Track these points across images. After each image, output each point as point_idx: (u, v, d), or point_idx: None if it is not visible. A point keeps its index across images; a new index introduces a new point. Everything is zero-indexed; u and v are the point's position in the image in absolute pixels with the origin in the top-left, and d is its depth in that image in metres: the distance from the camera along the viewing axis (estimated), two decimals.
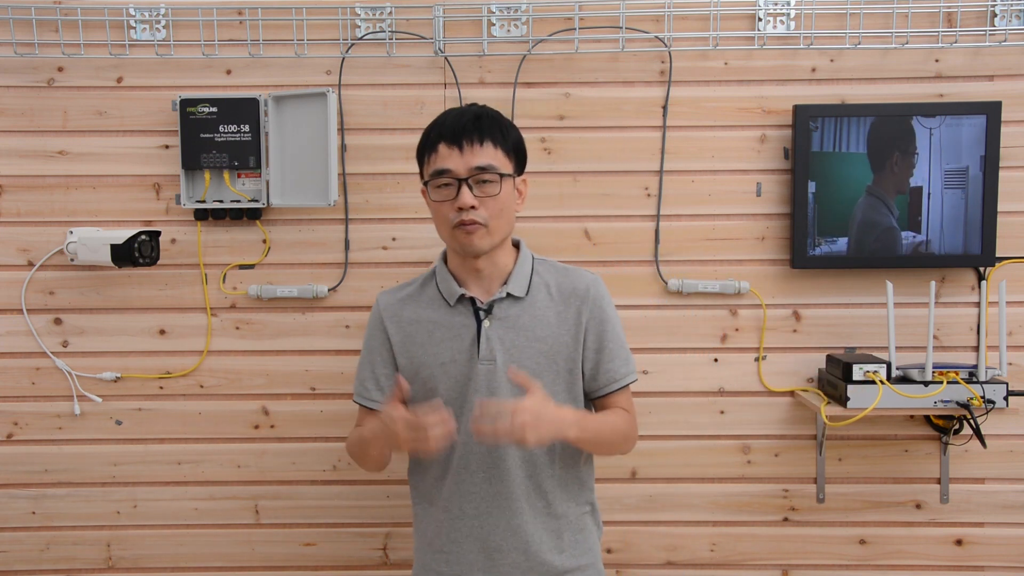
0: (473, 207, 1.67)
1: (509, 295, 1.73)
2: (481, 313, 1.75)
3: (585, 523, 1.82)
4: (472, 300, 1.76)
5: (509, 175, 1.71)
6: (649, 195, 2.47)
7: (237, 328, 2.51)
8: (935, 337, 2.44)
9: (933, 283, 2.32)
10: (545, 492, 1.76)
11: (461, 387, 1.74)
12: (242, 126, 2.40)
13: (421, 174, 1.80)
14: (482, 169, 1.68)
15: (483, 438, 1.57)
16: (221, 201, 2.44)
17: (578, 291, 1.75)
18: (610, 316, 1.77)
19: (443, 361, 1.75)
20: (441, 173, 1.71)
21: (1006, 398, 2.27)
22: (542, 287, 1.76)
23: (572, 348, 1.73)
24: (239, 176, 2.45)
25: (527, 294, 1.74)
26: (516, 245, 1.83)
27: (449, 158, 1.70)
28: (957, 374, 2.29)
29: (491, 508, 1.74)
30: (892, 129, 2.37)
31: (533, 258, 1.81)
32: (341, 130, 2.45)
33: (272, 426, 2.54)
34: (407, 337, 1.80)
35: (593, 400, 1.82)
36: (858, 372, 2.28)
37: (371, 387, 1.84)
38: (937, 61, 2.43)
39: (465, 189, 1.68)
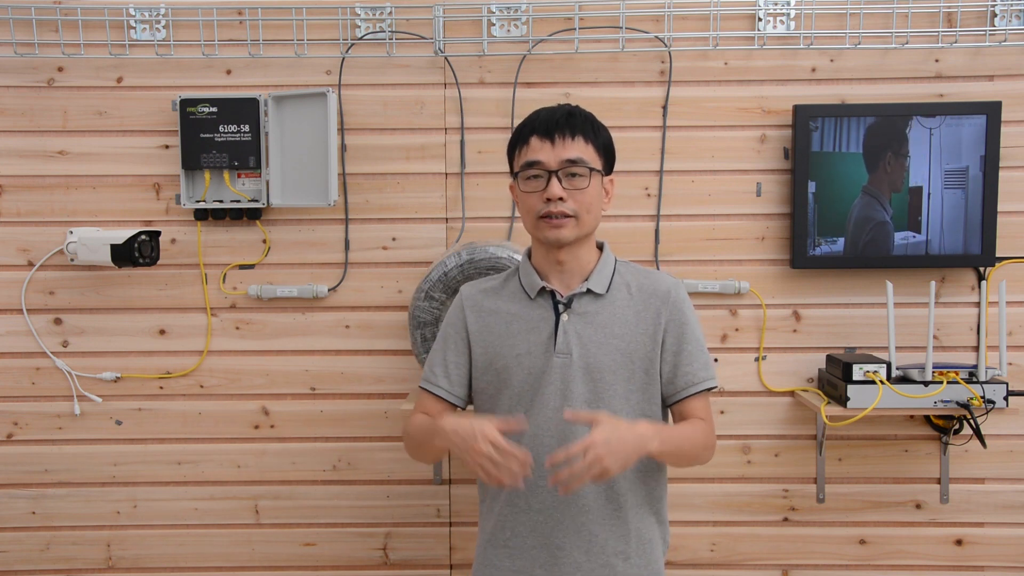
0: (561, 199, 1.70)
1: (589, 291, 1.74)
2: (560, 307, 1.75)
3: (652, 534, 1.77)
4: (552, 293, 1.76)
5: (598, 170, 1.72)
6: (649, 195, 2.47)
7: (237, 328, 2.51)
8: (935, 337, 2.44)
9: (933, 283, 2.33)
10: (617, 495, 1.73)
11: (535, 380, 1.74)
12: (242, 126, 2.40)
13: (511, 169, 1.79)
14: (572, 162, 1.70)
15: (566, 487, 1.54)
16: (221, 201, 2.44)
17: (659, 293, 1.75)
18: (690, 319, 1.76)
19: (519, 352, 1.75)
20: (531, 165, 1.72)
21: (1006, 398, 2.27)
22: (623, 286, 1.76)
23: (649, 348, 1.72)
24: (239, 176, 2.45)
25: (607, 292, 1.75)
26: (600, 247, 1.83)
27: (540, 151, 1.72)
28: (957, 374, 2.29)
29: (557, 504, 1.72)
30: (887, 129, 2.37)
31: (616, 260, 1.82)
32: (341, 130, 2.45)
33: (272, 426, 2.54)
34: (485, 327, 1.80)
35: (671, 406, 1.79)
36: (858, 372, 2.28)
37: (439, 373, 1.83)
38: (937, 61, 2.43)
39: (555, 180, 1.69)
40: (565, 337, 1.72)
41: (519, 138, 1.75)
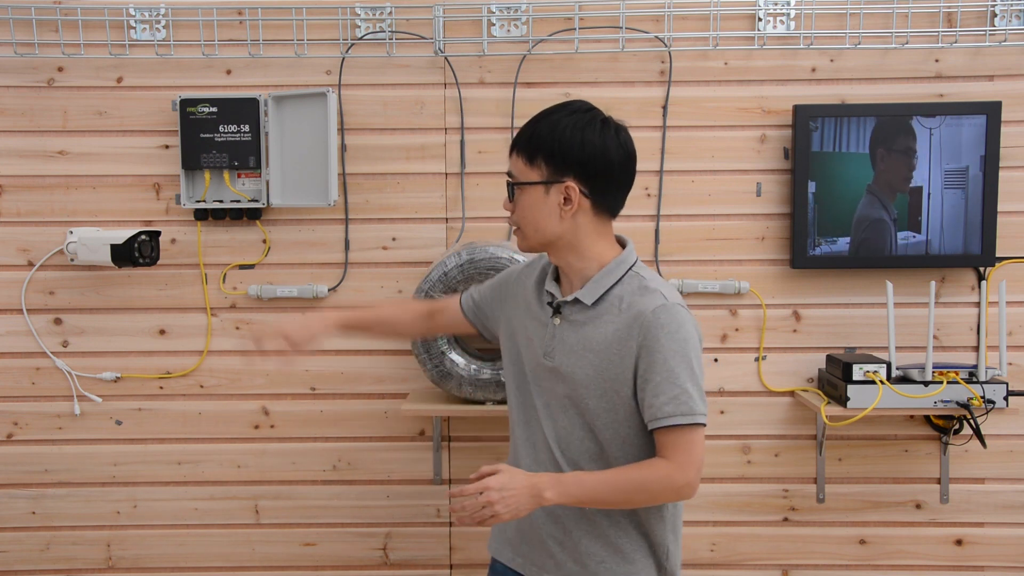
0: (508, 211, 1.73)
1: (577, 300, 1.72)
2: (552, 311, 1.75)
3: (631, 555, 1.75)
4: (551, 297, 1.77)
5: (526, 183, 1.69)
6: (649, 195, 2.47)
7: (237, 328, 2.51)
8: (935, 337, 2.44)
9: (933, 283, 2.33)
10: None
11: (533, 369, 1.77)
12: (242, 126, 2.40)
13: None
14: (508, 176, 1.72)
15: (459, 520, 1.61)
16: (221, 201, 2.44)
17: (641, 314, 1.65)
18: (662, 348, 1.63)
19: (529, 336, 1.78)
20: None
21: (1006, 398, 2.27)
22: (615, 300, 1.69)
23: (620, 369, 1.66)
24: (239, 176, 2.45)
25: (595, 304, 1.71)
26: (623, 244, 1.77)
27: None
28: (957, 374, 2.29)
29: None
30: (893, 129, 2.37)
31: (631, 268, 1.73)
32: (341, 130, 2.45)
33: (272, 426, 2.54)
34: (516, 300, 1.85)
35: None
36: (858, 372, 2.28)
37: (473, 292, 1.94)
38: (937, 61, 2.43)
39: (506, 193, 1.73)
40: (552, 342, 1.72)
41: None
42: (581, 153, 1.66)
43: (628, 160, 1.71)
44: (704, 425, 1.65)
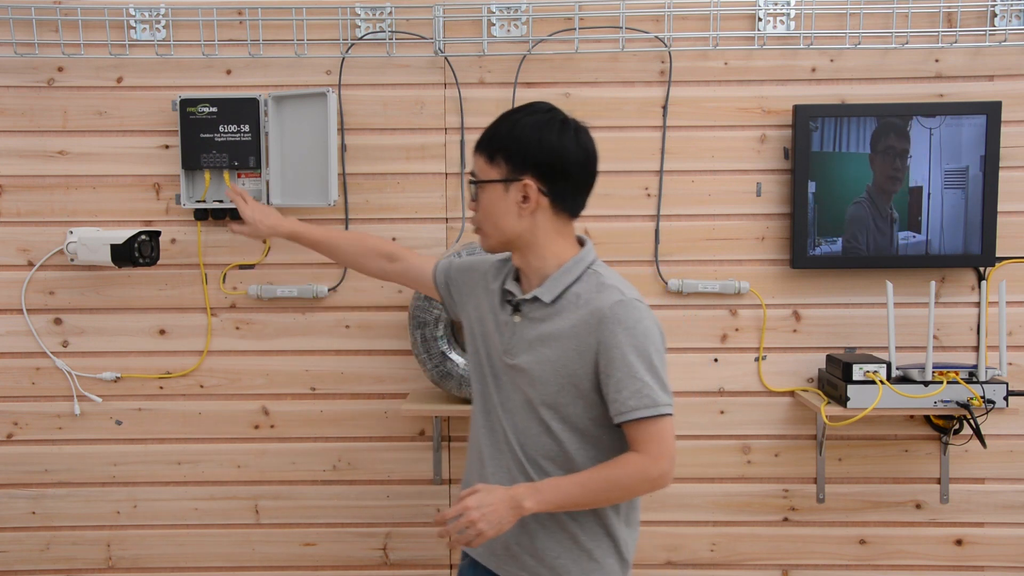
0: (472, 211, 1.77)
1: (536, 298, 1.74)
2: (512, 309, 1.77)
3: (586, 544, 1.78)
4: (510, 295, 1.79)
5: (486, 181, 1.72)
6: (649, 195, 2.47)
7: (237, 328, 2.51)
8: (935, 337, 2.44)
9: (933, 283, 2.33)
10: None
11: (494, 366, 1.79)
12: (242, 126, 2.40)
13: None
14: (470, 176, 1.76)
15: (450, 545, 1.66)
16: (221, 201, 2.44)
17: (599, 310, 1.68)
18: (621, 343, 1.66)
19: (491, 334, 1.81)
20: None
21: (1006, 398, 2.27)
22: (573, 297, 1.72)
23: (578, 366, 1.69)
24: (239, 176, 2.45)
25: (553, 302, 1.73)
26: (581, 243, 1.80)
27: None
28: (957, 374, 2.29)
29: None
30: (890, 129, 2.37)
31: (589, 267, 1.75)
32: (341, 130, 2.45)
33: (272, 426, 2.54)
34: (481, 295, 1.87)
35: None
36: (858, 372, 2.28)
37: (449, 267, 1.95)
38: (937, 61, 2.43)
39: (470, 194, 1.77)
40: (511, 340, 1.75)
41: None
42: (539, 151, 1.69)
43: (587, 160, 1.73)
44: (670, 415, 1.67)
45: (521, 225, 1.71)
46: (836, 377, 2.34)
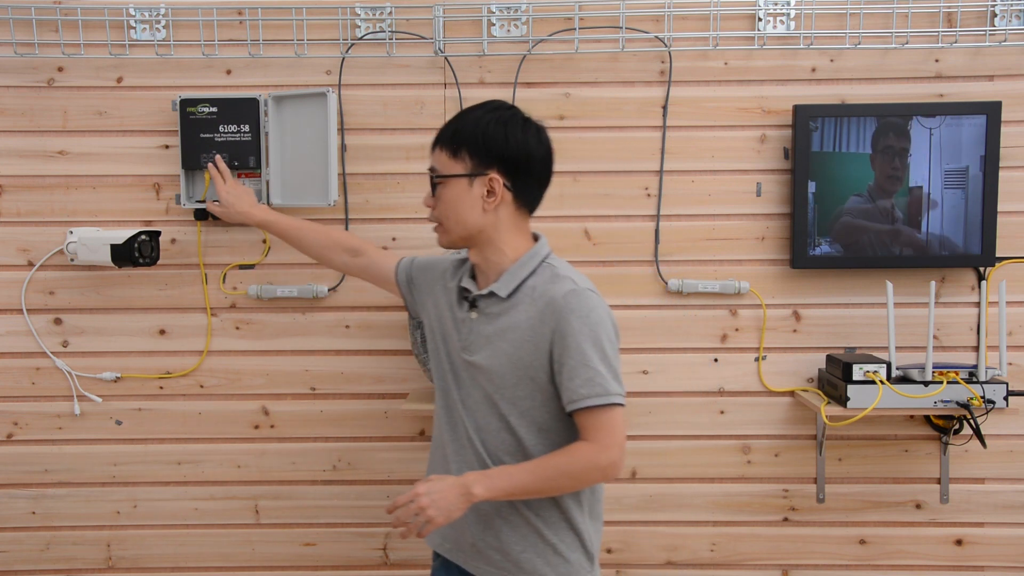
0: (429, 207, 1.79)
1: (492, 293, 1.76)
2: (469, 306, 1.81)
3: (550, 538, 1.79)
4: (467, 292, 1.82)
5: (450, 176, 1.73)
6: (649, 195, 2.47)
7: (237, 328, 2.51)
8: (935, 337, 2.44)
9: (933, 283, 2.33)
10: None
11: (453, 363, 1.82)
12: (242, 126, 2.40)
13: None
14: (430, 171, 1.78)
15: (401, 534, 1.66)
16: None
17: (553, 300, 1.71)
18: (574, 331, 1.68)
19: (449, 331, 1.84)
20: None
21: (1006, 398, 2.27)
22: (529, 291, 1.75)
23: (533, 356, 1.72)
24: (239, 176, 2.45)
25: (509, 296, 1.75)
26: (535, 239, 1.83)
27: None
28: (957, 374, 2.29)
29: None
30: (890, 129, 2.37)
31: (544, 260, 1.78)
32: (341, 130, 2.45)
33: (272, 426, 2.54)
34: (439, 295, 1.90)
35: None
36: (858, 372, 2.28)
37: (412, 266, 2.01)
38: (937, 61, 2.43)
39: (428, 191, 1.79)
40: (469, 336, 1.77)
41: None
42: (505, 146, 1.73)
43: (548, 156, 1.79)
44: (622, 405, 1.69)
45: (484, 219, 1.75)
46: (836, 377, 2.34)
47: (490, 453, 1.76)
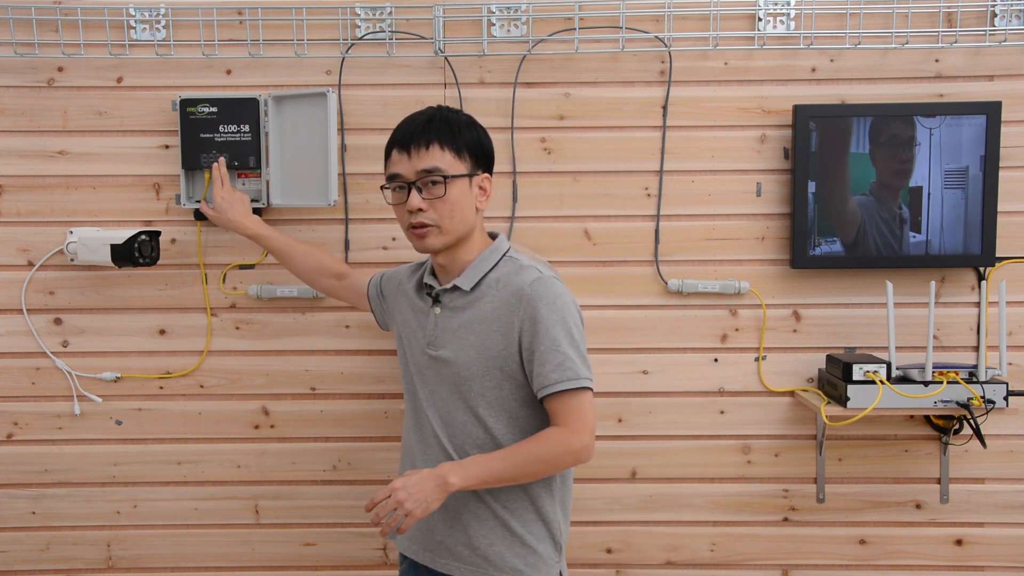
0: (421, 210, 1.77)
1: (455, 287, 1.78)
2: (431, 302, 1.84)
3: (517, 530, 1.79)
4: (430, 288, 1.86)
5: (459, 175, 1.75)
6: (649, 195, 2.47)
7: (237, 328, 2.51)
8: (935, 337, 2.44)
9: (933, 283, 2.33)
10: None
11: (417, 362, 1.86)
12: (242, 126, 2.40)
13: None
14: (428, 172, 1.76)
15: (381, 532, 1.67)
16: None
17: (519, 290, 1.74)
18: (543, 318, 1.70)
19: (413, 330, 1.88)
20: (393, 178, 1.82)
21: (1006, 398, 2.27)
22: (493, 282, 1.79)
23: (502, 347, 1.74)
24: (239, 176, 2.45)
25: (473, 289, 1.77)
26: (493, 237, 1.89)
27: (399, 163, 1.80)
28: (957, 374, 2.29)
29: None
30: (893, 128, 2.37)
31: (505, 254, 1.83)
32: (341, 130, 2.45)
33: (272, 426, 2.54)
34: (401, 299, 1.95)
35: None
36: (858, 372, 2.28)
37: (381, 280, 2.11)
38: (937, 61, 2.43)
39: (414, 192, 1.77)
40: (435, 331, 1.80)
41: (386, 151, 1.85)
42: (489, 147, 1.84)
43: None
44: (591, 389, 1.72)
45: (476, 218, 1.81)
46: (836, 377, 2.34)
47: (457, 447, 1.78)
